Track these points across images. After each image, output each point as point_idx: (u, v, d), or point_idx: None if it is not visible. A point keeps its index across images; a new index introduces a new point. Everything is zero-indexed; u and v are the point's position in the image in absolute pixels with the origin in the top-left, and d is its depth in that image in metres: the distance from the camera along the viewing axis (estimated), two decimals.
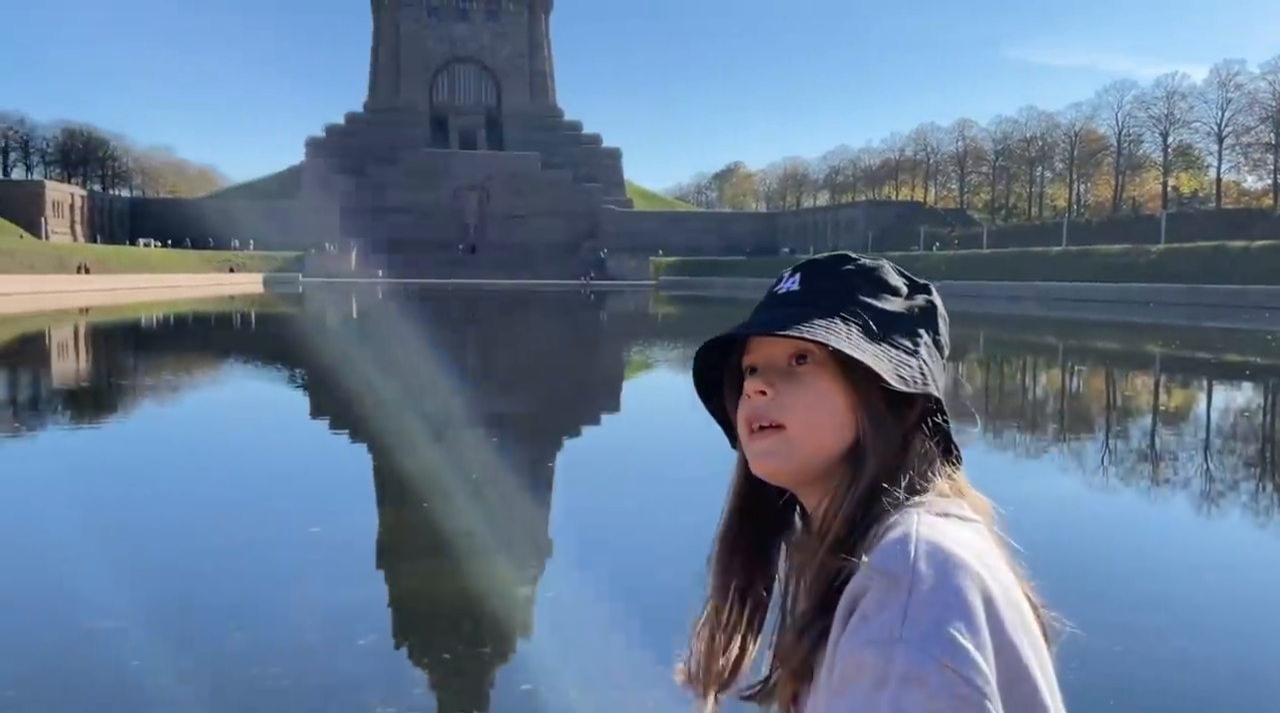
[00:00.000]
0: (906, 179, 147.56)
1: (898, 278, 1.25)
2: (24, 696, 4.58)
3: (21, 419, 14.46)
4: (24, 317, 42.62)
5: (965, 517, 1.10)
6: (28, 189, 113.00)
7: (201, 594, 6.18)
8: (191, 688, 4.71)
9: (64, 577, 6.48)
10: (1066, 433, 14.23)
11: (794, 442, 1.15)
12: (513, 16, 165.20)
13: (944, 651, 0.92)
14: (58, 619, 5.64)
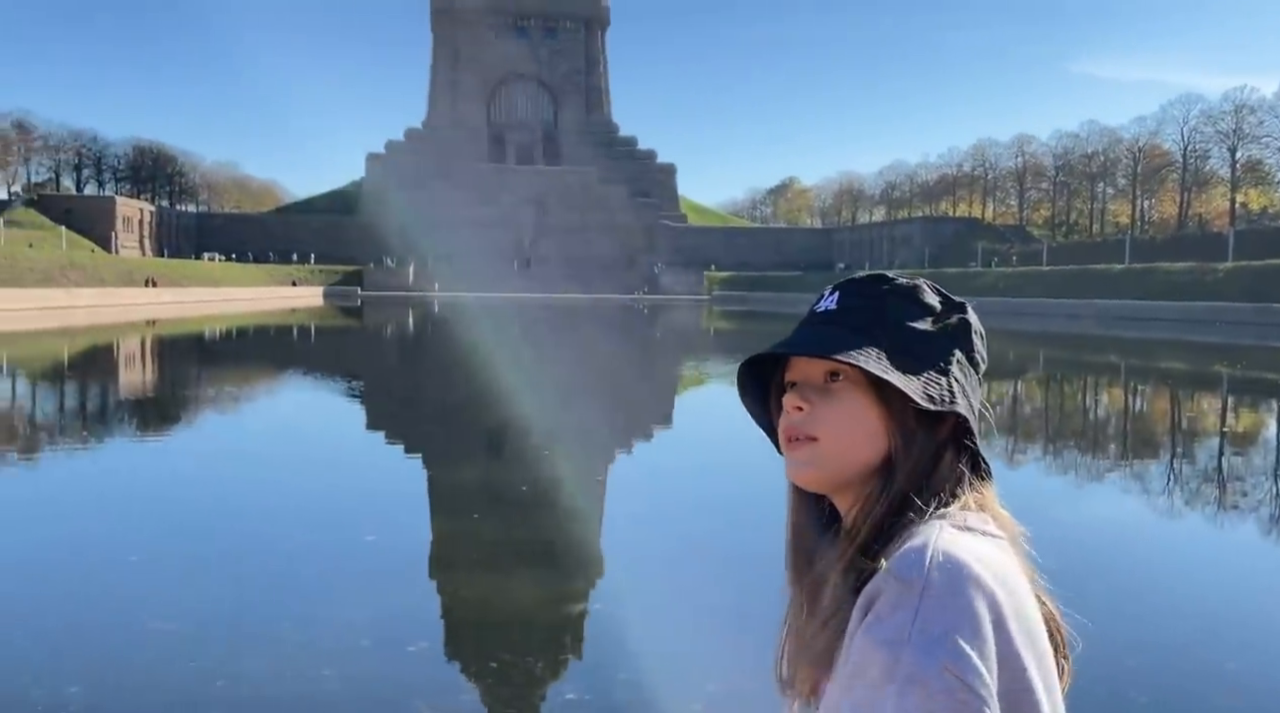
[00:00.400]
0: (964, 195, 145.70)
1: (933, 297, 1.30)
2: (91, 693, 4.74)
3: (90, 429, 14.93)
4: (94, 329, 43.98)
5: (988, 532, 1.16)
6: (99, 204, 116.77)
7: (259, 598, 6.33)
8: (247, 688, 4.84)
9: (130, 580, 6.69)
10: (1127, 455, 13.92)
11: (826, 454, 1.23)
12: (570, 34, 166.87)
13: (948, 655, 0.99)
14: (124, 621, 5.83)
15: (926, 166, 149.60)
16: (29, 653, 5.27)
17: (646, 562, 7.42)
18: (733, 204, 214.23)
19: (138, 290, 74.50)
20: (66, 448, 12.76)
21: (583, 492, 10.35)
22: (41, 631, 5.62)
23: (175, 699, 4.73)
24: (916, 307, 1.28)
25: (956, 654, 0.99)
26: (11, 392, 20.55)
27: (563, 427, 15.60)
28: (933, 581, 1.04)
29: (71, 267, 71.76)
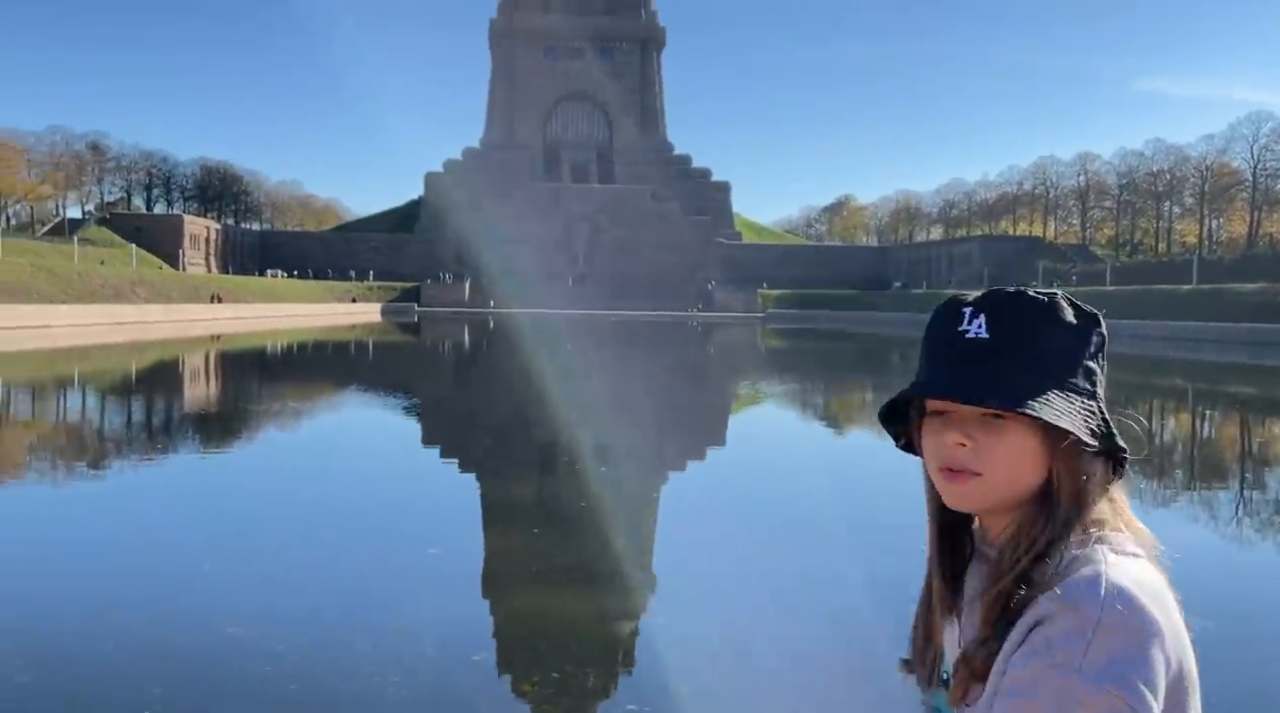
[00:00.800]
0: (1025, 214, 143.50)
1: (1070, 312, 1.31)
2: (171, 693, 4.93)
3: (162, 442, 15.41)
4: (161, 344, 45.27)
5: (1136, 552, 1.21)
6: (168, 223, 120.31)
7: (328, 606, 6.51)
8: (318, 692, 5.00)
9: (206, 587, 6.92)
10: (1194, 482, 13.60)
11: (991, 487, 1.25)
12: (626, 54, 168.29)
13: (1116, 683, 1.05)
14: (201, 626, 6.04)
15: (986, 185, 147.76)
16: (114, 656, 5.49)
17: (699, 579, 7.47)
18: (788, 222, 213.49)
19: (203, 306, 76.51)
20: (141, 460, 13.19)
21: (637, 509, 10.43)
22: (125, 635, 5.85)
23: (250, 701, 4.90)
24: (1063, 328, 1.28)
25: (1124, 683, 1.05)
26: (82, 405, 21.27)
27: (618, 444, 15.70)
28: (1108, 612, 1.08)
29: (141, 283, 73.98)
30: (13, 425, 16.83)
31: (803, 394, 25.53)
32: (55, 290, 58.88)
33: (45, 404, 20.80)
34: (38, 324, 50.21)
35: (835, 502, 10.61)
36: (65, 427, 16.71)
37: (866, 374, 35.31)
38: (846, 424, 19.75)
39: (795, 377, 31.10)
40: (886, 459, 14.43)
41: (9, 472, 12.16)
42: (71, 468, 12.32)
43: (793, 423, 19.70)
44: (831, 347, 55.59)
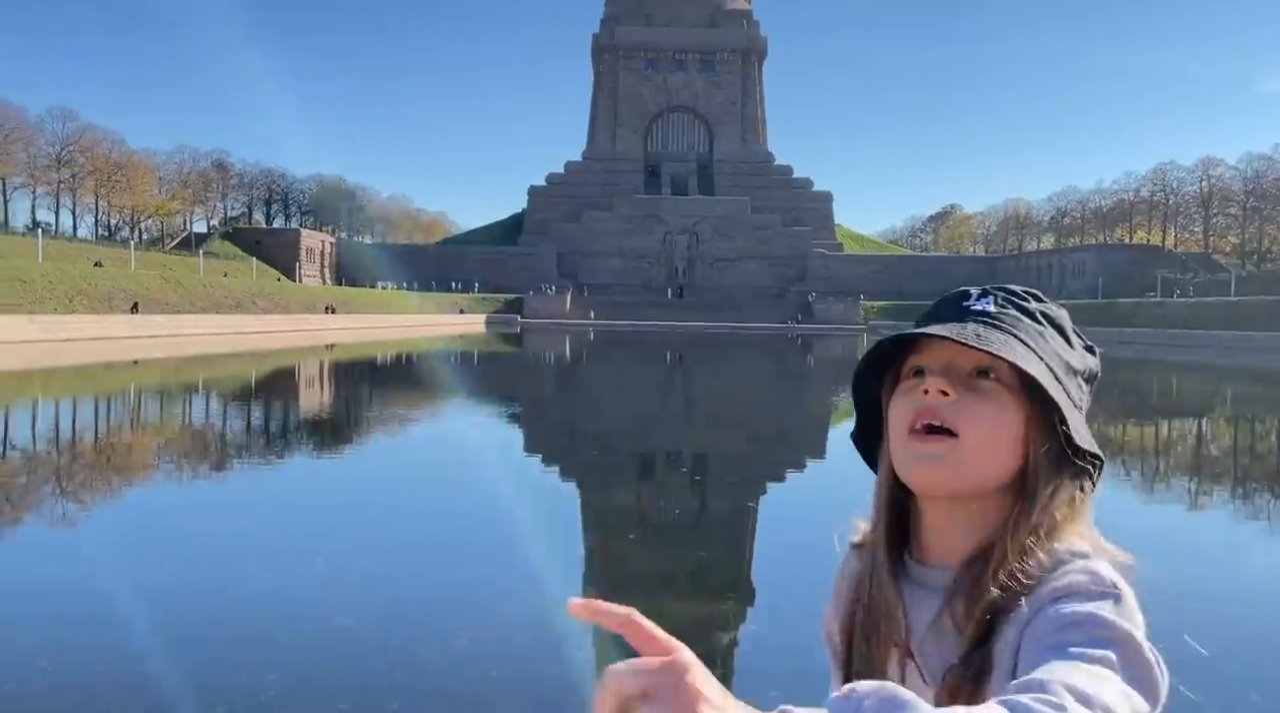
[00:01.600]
0: (1142, 221, 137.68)
1: (1075, 335, 1.27)
2: (285, 679, 5.20)
3: (277, 445, 16.12)
4: (280, 352, 47.27)
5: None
6: (286, 237, 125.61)
7: (431, 599, 6.74)
8: (422, 680, 5.20)
9: (316, 581, 7.25)
10: None
11: (966, 455, 1.14)
12: (727, 66, 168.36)
13: (1148, 647, 0.98)
14: (313, 617, 6.34)
15: (1101, 192, 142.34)
16: (232, 645, 5.81)
17: (796, 585, 7.44)
18: (891, 232, 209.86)
19: (318, 317, 79.56)
20: (262, 462, 13.85)
21: (735, 519, 10.44)
22: (242, 625, 6.18)
23: (359, 689, 5.12)
24: (1065, 334, 1.24)
25: (1153, 650, 0.98)
26: (206, 410, 22.40)
27: (716, 454, 15.73)
28: (1123, 595, 1.03)
29: (260, 294, 77.40)
30: (151, 427, 17.85)
31: None
32: (183, 301, 62.10)
33: (179, 408, 21.97)
34: (167, 333, 53.04)
35: None
36: (195, 429, 17.65)
37: None
38: None
39: None
40: None
41: (144, 472, 12.92)
42: (199, 469, 13.01)
43: None
44: None
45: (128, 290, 56.93)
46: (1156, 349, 62.10)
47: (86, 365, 33.98)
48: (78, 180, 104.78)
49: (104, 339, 46.49)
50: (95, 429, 17.37)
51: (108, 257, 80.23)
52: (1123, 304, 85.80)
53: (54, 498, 10.72)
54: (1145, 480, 13.29)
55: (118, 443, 15.60)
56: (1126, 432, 19.65)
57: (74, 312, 48.84)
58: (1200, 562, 8.51)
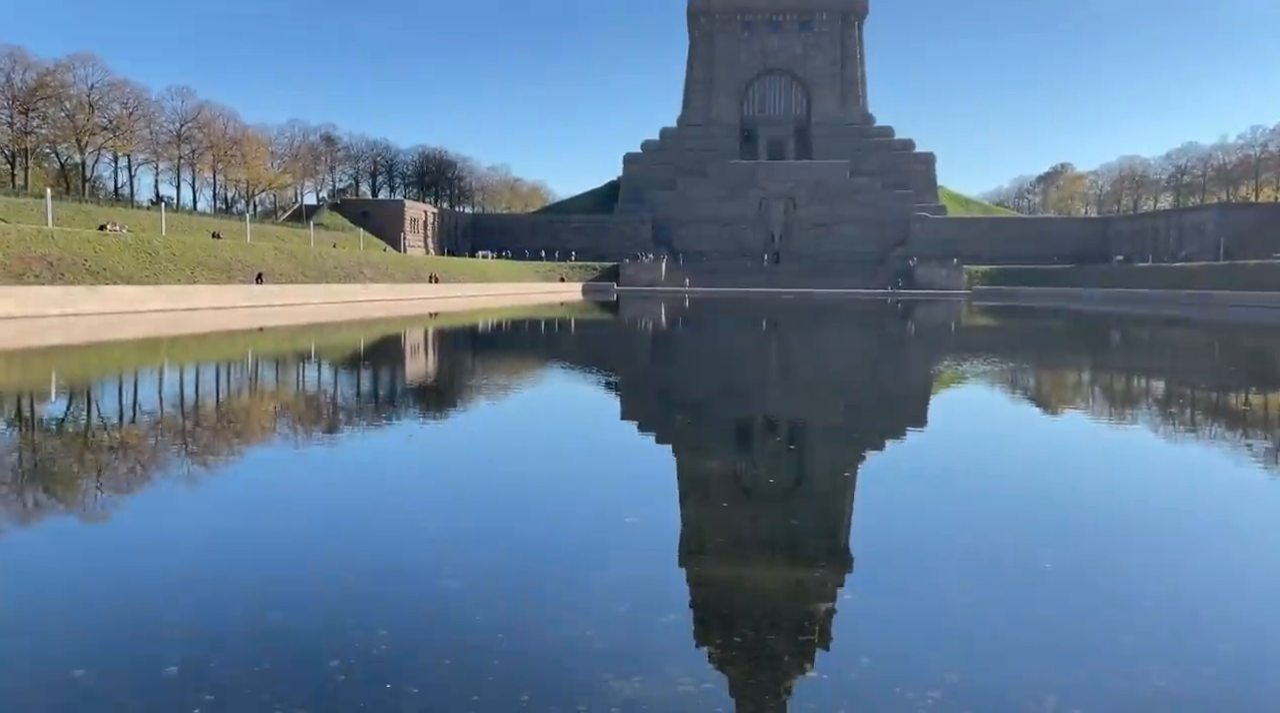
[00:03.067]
0: (1270, 178, 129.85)
1: None
2: (397, 636, 5.56)
3: (384, 411, 16.78)
4: (385, 321, 48.77)
5: None
6: (391, 209, 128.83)
7: (532, 563, 7.04)
8: (524, 642, 5.49)
9: (426, 544, 7.65)
10: None
11: None
12: (826, 26, 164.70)
13: None
14: (422, 577, 6.71)
15: (1225, 148, 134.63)
16: (347, 602, 6.21)
17: (892, 556, 7.50)
18: (998, 194, 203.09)
19: (422, 286, 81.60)
20: (369, 427, 14.48)
21: (831, 488, 10.50)
22: (355, 585, 6.59)
23: (466, 648, 5.44)
24: None
25: None
26: (317, 377, 23.37)
27: (812, 422, 15.73)
28: None
29: (367, 264, 79.76)
30: (268, 394, 18.79)
31: (1013, 375, 24.46)
32: (295, 271, 64.49)
33: (293, 375, 23.02)
34: (281, 302, 55.25)
35: (1034, 488, 10.28)
36: (307, 396, 18.51)
37: (1076, 353, 33.30)
38: (1059, 409, 18.83)
39: (1002, 358, 29.79)
40: (1087, 440, 13.67)
41: (264, 436, 13.66)
42: (308, 436, 13.69)
43: (998, 406, 18.98)
44: (1046, 324, 52.64)
45: (244, 261, 59.42)
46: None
47: (208, 333, 35.75)
48: (196, 156, 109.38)
49: (224, 308, 48.74)
50: (218, 394, 18.37)
51: (225, 228, 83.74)
52: (1246, 267, 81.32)
53: (185, 458, 11.46)
54: None
55: (239, 408, 16.48)
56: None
57: (196, 282, 51.30)
58: None
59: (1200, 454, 12.88)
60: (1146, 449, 13.21)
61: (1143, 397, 20.44)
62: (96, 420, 14.89)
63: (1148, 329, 48.61)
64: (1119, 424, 16.01)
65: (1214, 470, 11.54)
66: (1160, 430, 15.04)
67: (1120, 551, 7.76)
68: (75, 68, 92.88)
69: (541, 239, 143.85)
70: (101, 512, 8.96)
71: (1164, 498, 10.01)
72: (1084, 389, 22.20)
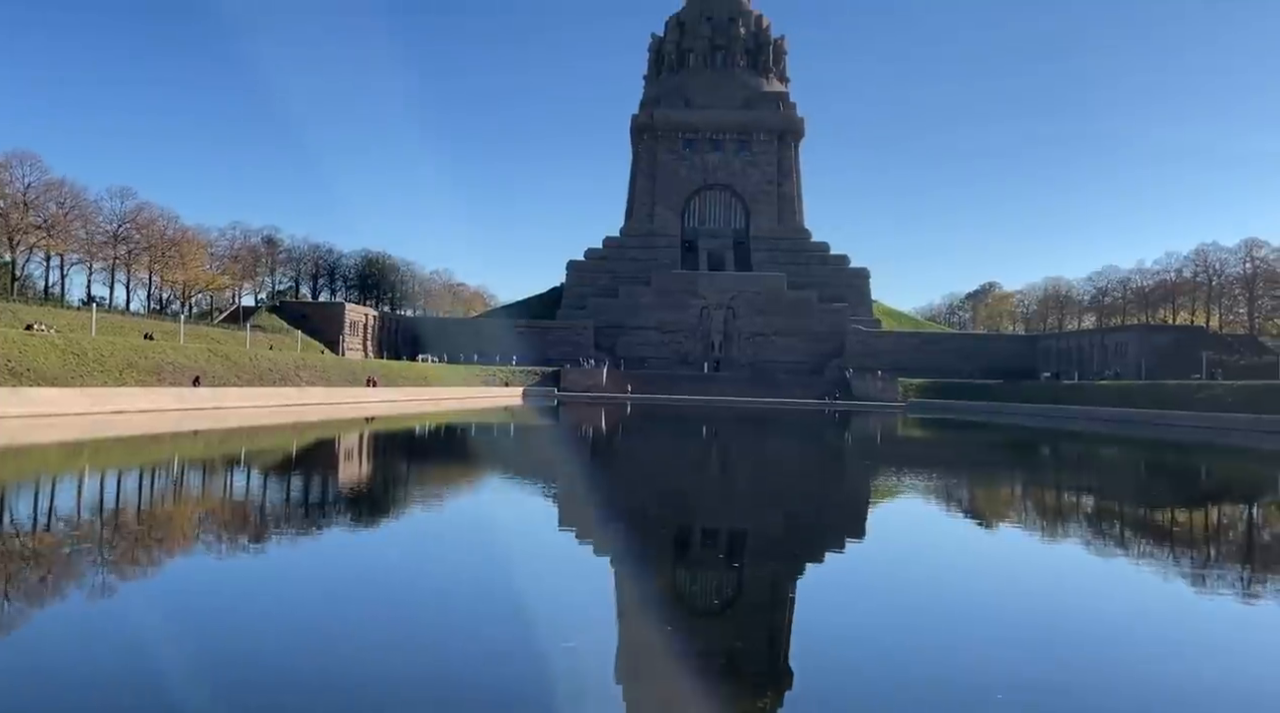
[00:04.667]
0: (1185, 302, 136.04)
1: None
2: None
3: (307, 521, 16.28)
4: (321, 424, 47.83)
5: None
6: (331, 311, 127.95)
7: (465, 683, 6.74)
8: None
9: (338, 682, 7.30)
10: None
11: None
12: (763, 146, 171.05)
13: None
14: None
15: (1142, 272, 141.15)
16: None
17: (835, 675, 7.36)
18: (929, 309, 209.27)
19: (360, 389, 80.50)
20: (281, 546, 13.98)
21: (773, 605, 10.36)
22: None
23: None
24: None
25: None
26: (246, 483, 22.67)
27: (754, 537, 15.63)
28: None
29: (304, 367, 78.60)
30: (190, 500, 18.12)
31: (948, 489, 24.72)
32: (229, 373, 63.21)
33: (219, 480, 22.28)
34: (212, 405, 53.94)
35: (977, 607, 10.27)
36: (230, 503, 17.90)
37: (1016, 468, 33.90)
38: (995, 521, 19.02)
39: (936, 471, 30.16)
40: (1031, 555, 13.76)
41: (179, 545, 13.10)
42: (228, 545, 13.17)
43: (934, 518, 19.11)
44: (981, 436, 53.65)
45: (176, 363, 58.17)
46: (1202, 433, 60.88)
47: (131, 437, 34.62)
48: (133, 256, 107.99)
49: (153, 411, 47.39)
50: (134, 502, 17.66)
51: (158, 329, 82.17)
52: (1167, 386, 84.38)
53: (95, 569, 10.91)
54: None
55: (138, 520, 15.84)
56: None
57: (125, 384, 49.91)
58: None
59: (1148, 576, 13.03)
60: (1083, 565, 13.34)
61: (1073, 512, 20.77)
62: None
63: (1078, 444, 49.80)
64: (1056, 540, 16.20)
65: (1165, 593, 11.66)
66: (1093, 546, 15.24)
67: (1062, 668, 7.73)
68: (13, 166, 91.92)
69: (483, 343, 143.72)
70: None
71: (1100, 615, 10.06)
72: (1021, 506, 22.51)
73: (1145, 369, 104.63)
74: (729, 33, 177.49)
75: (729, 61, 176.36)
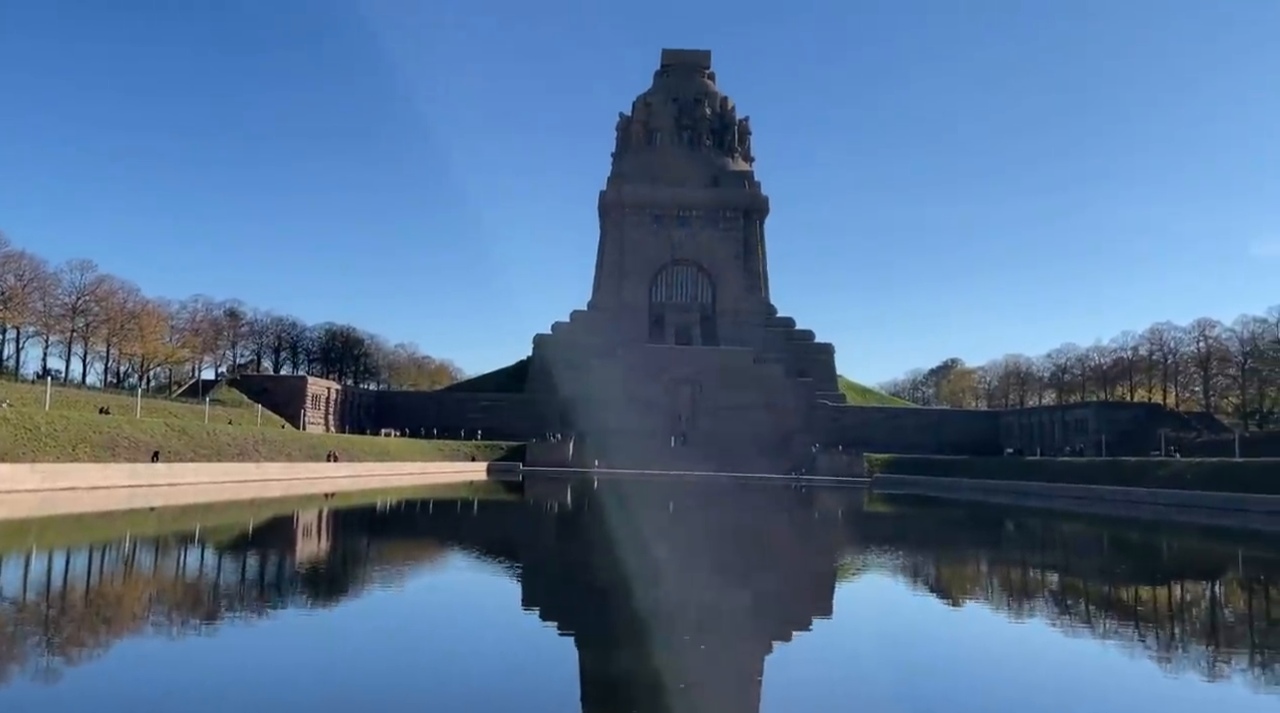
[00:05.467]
0: (1142, 380, 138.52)
1: None
2: None
3: (264, 600, 15.78)
4: (277, 501, 46.86)
5: None
6: (293, 384, 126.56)
7: None
8: None
9: None
10: None
11: None
12: (729, 223, 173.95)
13: None
14: None
15: (1100, 350, 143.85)
16: None
17: None
18: (893, 385, 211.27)
19: (320, 464, 79.21)
20: (233, 623, 13.51)
21: (741, 691, 10.11)
22: None
23: None
24: None
25: None
26: (199, 563, 22.01)
27: (720, 617, 15.34)
28: None
29: (264, 442, 77.31)
30: (138, 580, 17.51)
31: (914, 566, 24.57)
32: (186, 448, 62.01)
33: (170, 561, 21.59)
34: (167, 481, 52.73)
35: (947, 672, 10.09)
36: (181, 584, 17.32)
37: (978, 545, 33.86)
38: (961, 598, 18.87)
39: (905, 547, 30.04)
40: (999, 633, 13.60)
41: (126, 626, 12.60)
42: (176, 627, 12.69)
43: (900, 597, 18.93)
44: (946, 513, 53.65)
45: (132, 438, 56.97)
46: (1162, 511, 61.41)
47: (78, 515, 33.64)
48: (91, 329, 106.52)
49: (105, 488, 46.21)
50: (82, 583, 17.05)
51: (115, 404, 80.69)
52: (1127, 463, 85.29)
53: (42, 651, 10.43)
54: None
55: (90, 597, 15.27)
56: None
57: (77, 460, 48.72)
58: None
59: (1109, 652, 12.93)
60: (1044, 643, 13.21)
61: (1038, 591, 20.70)
62: None
63: (1040, 520, 49.95)
64: (1021, 620, 16.08)
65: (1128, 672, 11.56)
66: (1057, 624, 15.13)
67: None
68: None
69: (448, 417, 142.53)
70: None
71: (1056, 694, 9.92)
72: (987, 586, 22.40)
73: (1105, 445, 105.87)
74: (695, 113, 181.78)
75: (695, 141, 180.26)
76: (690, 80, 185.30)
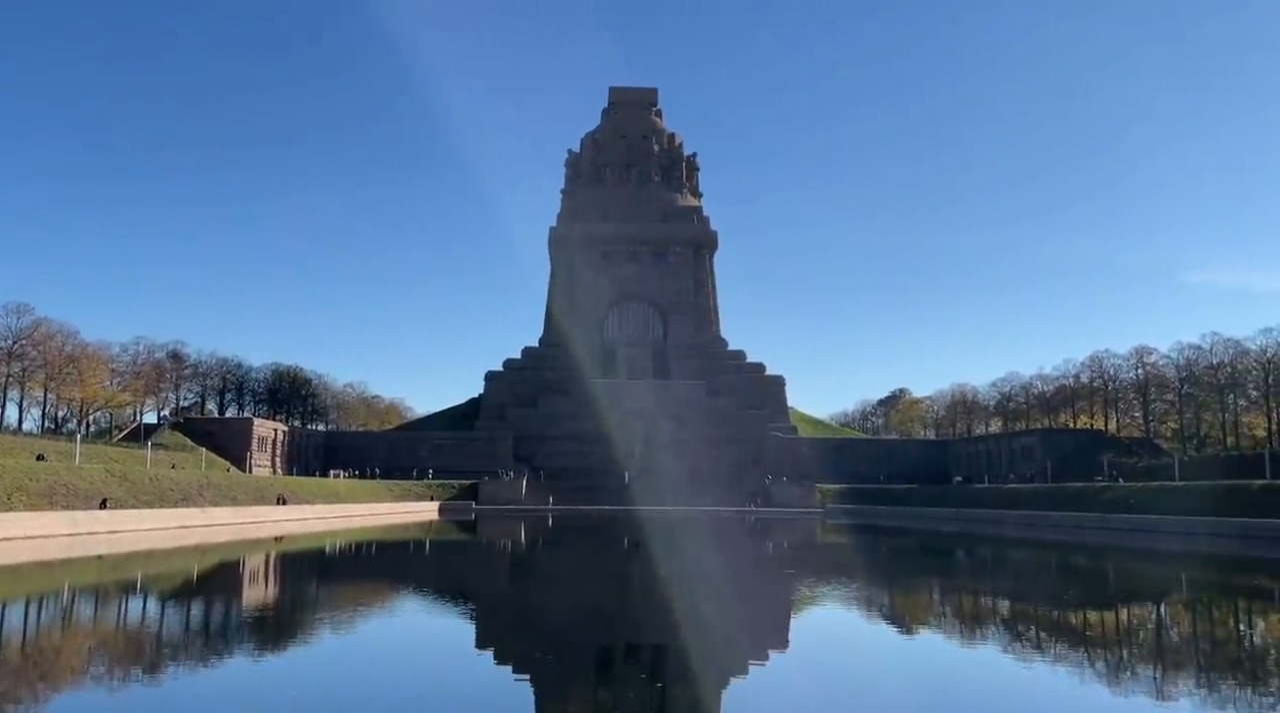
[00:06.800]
0: (1084, 407, 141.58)
1: None
2: None
3: (213, 648, 15.40)
4: (225, 546, 45.78)
5: None
6: (238, 426, 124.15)
7: None
8: None
9: None
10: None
11: None
12: (679, 258, 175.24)
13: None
14: None
15: (1043, 378, 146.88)
16: None
17: None
18: (843, 416, 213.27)
19: (269, 508, 77.56)
20: (182, 672, 13.17)
21: None
22: None
23: None
24: None
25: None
26: (141, 613, 21.40)
27: (677, 654, 15.29)
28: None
29: (208, 486, 75.56)
30: (91, 631, 16.99)
31: (868, 597, 24.73)
32: (128, 494, 60.38)
33: (109, 612, 20.96)
34: (107, 530, 51.27)
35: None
36: (128, 632, 16.83)
37: (934, 574, 34.17)
38: (918, 627, 19.01)
39: (861, 574, 30.22)
40: (953, 664, 13.76)
41: (66, 680, 12.21)
42: (111, 685, 12.34)
43: (857, 628, 19.02)
44: (900, 543, 54.07)
45: (71, 485, 55.35)
46: (1108, 535, 62.56)
47: (15, 565, 32.56)
48: (28, 374, 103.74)
49: (41, 538, 44.80)
50: (18, 636, 16.49)
51: (53, 449, 78.43)
52: (1072, 489, 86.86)
53: None
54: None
55: (19, 651, 14.78)
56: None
57: (12, 509, 47.19)
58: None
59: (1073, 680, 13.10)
60: (998, 669, 13.37)
61: (990, 617, 20.95)
62: None
63: (989, 548, 50.58)
64: (973, 646, 16.24)
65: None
66: (1012, 651, 15.32)
67: None
68: None
69: (399, 457, 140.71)
70: None
71: None
72: (940, 614, 22.60)
73: (1050, 471, 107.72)
74: (643, 149, 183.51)
75: (644, 177, 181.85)
76: (638, 117, 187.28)
